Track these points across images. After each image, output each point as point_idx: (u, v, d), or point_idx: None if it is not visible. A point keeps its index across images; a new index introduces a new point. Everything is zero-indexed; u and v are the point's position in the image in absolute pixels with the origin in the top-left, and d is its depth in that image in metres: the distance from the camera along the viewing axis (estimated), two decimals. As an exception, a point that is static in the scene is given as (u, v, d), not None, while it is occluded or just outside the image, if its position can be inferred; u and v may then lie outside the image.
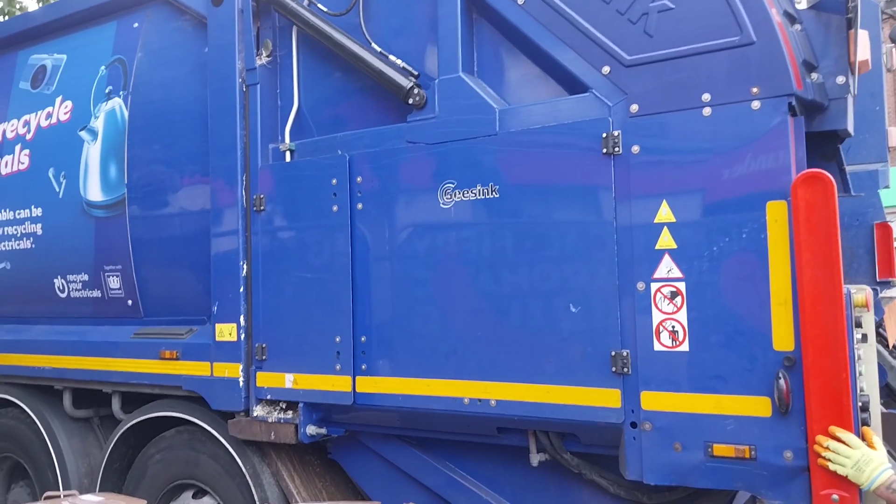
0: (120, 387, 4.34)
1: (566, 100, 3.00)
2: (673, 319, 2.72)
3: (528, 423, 3.06)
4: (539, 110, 3.04)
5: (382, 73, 3.36)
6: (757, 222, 2.59)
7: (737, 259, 2.62)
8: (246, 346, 3.70)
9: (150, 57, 4.19)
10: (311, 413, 3.56)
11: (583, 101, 2.94)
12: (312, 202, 3.50)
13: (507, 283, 3.01)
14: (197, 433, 3.97)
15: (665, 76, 2.77)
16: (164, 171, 4.06)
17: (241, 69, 3.76)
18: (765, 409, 2.57)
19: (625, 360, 2.77)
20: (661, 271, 2.74)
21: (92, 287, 4.41)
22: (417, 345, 3.21)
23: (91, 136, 4.37)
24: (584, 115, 2.92)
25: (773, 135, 2.58)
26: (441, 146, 3.19)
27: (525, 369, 2.96)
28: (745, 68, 2.63)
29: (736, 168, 2.63)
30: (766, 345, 2.57)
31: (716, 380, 2.65)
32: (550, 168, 2.94)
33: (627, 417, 2.78)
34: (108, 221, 4.27)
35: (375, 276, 3.33)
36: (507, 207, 3.02)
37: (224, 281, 3.76)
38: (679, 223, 2.71)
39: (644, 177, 2.77)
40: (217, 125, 3.80)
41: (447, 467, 3.44)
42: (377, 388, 3.30)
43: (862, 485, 2.34)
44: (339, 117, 3.64)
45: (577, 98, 2.96)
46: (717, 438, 2.63)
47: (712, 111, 2.68)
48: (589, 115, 2.90)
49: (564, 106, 2.98)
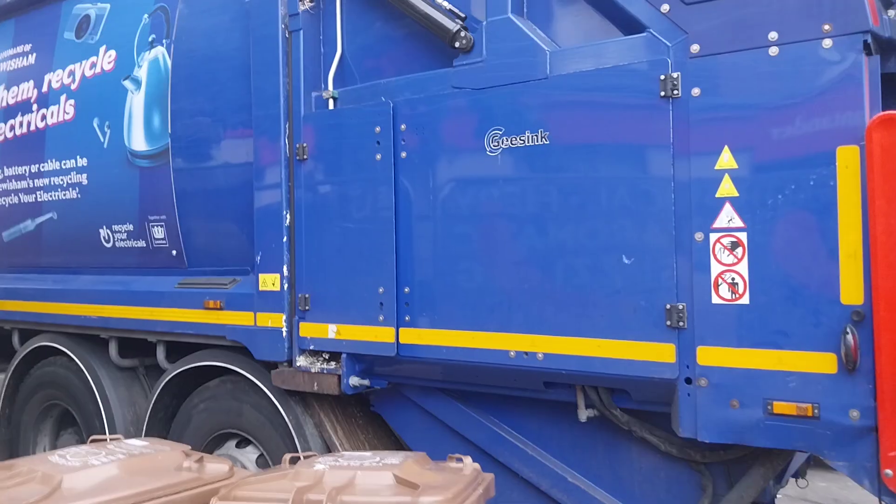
0: (164, 336, 4.36)
1: (622, 40, 2.85)
2: (733, 271, 2.59)
3: (576, 378, 2.97)
4: (592, 52, 2.89)
5: (428, 16, 3.24)
6: (826, 168, 2.44)
7: (803, 208, 2.47)
8: (289, 297, 3.67)
9: (192, 5, 4.13)
10: (353, 364, 3.52)
11: (639, 41, 2.79)
12: (355, 151, 3.43)
13: (555, 234, 2.91)
14: (240, 383, 3.97)
15: (728, 13, 2.60)
16: (207, 121, 4.02)
17: (283, 15, 3.67)
18: (830, 365, 2.44)
19: (681, 313, 2.66)
20: (722, 221, 2.60)
21: (137, 237, 4.42)
22: (462, 297, 3.13)
23: (135, 85, 4.34)
24: (640, 56, 2.77)
25: (846, 76, 2.41)
26: (488, 91, 3.08)
27: (574, 322, 2.87)
28: (817, 3, 2.46)
29: (804, 111, 2.47)
30: (833, 298, 2.43)
31: (777, 335, 2.52)
32: (604, 113, 2.81)
33: (682, 373, 2.67)
34: (152, 171, 4.26)
35: (419, 226, 3.26)
36: (557, 155, 2.90)
37: (267, 231, 3.72)
38: (741, 170, 2.57)
39: (704, 121, 2.63)
40: (259, 73, 3.73)
41: (491, 422, 3.39)
42: (421, 339, 3.24)
43: None
44: (383, 64, 3.54)
45: (634, 38, 2.81)
46: (777, 396, 2.52)
47: (779, 51, 2.51)
48: (646, 56, 2.75)
49: (620, 47, 2.84)
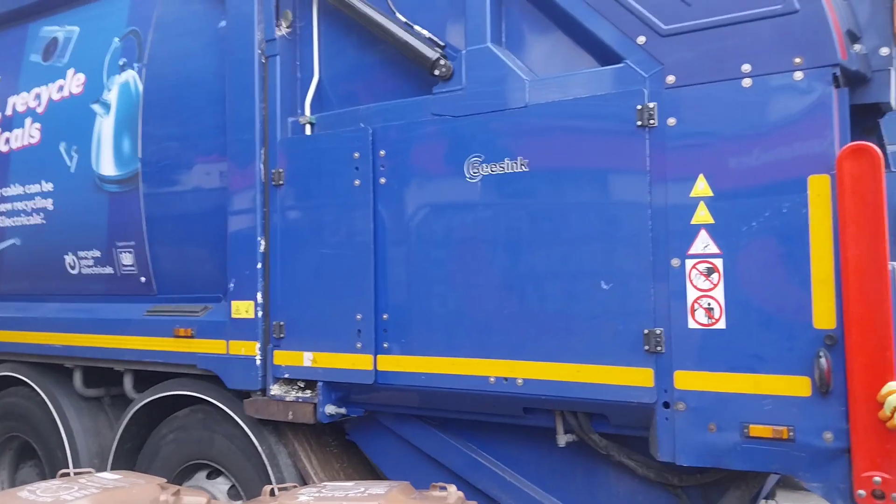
0: (132, 365, 4.27)
1: (599, 71, 2.91)
2: (709, 297, 2.64)
3: (555, 403, 2.99)
4: (570, 81, 2.95)
5: (408, 44, 3.28)
6: (798, 196, 2.51)
7: (776, 234, 2.54)
8: (263, 324, 3.63)
9: (165, 29, 4.10)
10: (330, 392, 3.49)
11: (617, 72, 2.85)
12: (333, 176, 3.43)
13: (535, 261, 2.94)
14: (211, 412, 3.90)
15: (703, 46, 2.68)
16: (179, 145, 3.99)
17: (259, 40, 3.67)
18: (804, 388, 2.49)
19: (658, 338, 2.70)
20: (697, 247, 2.66)
21: (104, 263, 4.34)
22: (442, 323, 3.13)
23: (104, 109, 4.28)
24: (617, 86, 2.83)
25: (817, 106, 2.50)
26: (468, 119, 3.11)
27: (554, 348, 2.89)
28: (789, 37, 2.55)
29: (776, 141, 2.55)
30: (806, 323, 2.49)
31: (753, 359, 2.57)
32: (582, 141, 2.86)
33: (660, 397, 2.71)
34: (122, 196, 4.20)
35: (398, 252, 3.26)
36: (536, 182, 2.94)
37: (241, 257, 3.68)
38: (716, 198, 2.63)
39: (680, 150, 2.69)
40: (235, 98, 3.71)
41: (469, 448, 3.37)
42: (400, 366, 3.23)
43: None
44: (361, 90, 3.56)
45: (611, 69, 2.87)
46: (753, 419, 2.56)
47: (753, 82, 2.59)
48: (623, 86, 2.82)
49: (597, 77, 2.90)
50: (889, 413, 2.28)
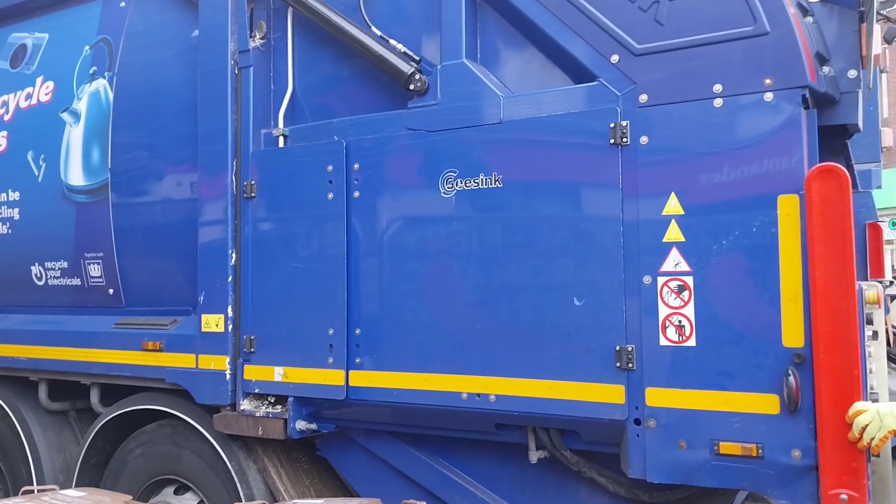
0: (99, 378, 4.19)
1: (573, 88, 2.93)
2: (679, 314, 2.66)
3: (528, 420, 2.98)
4: (545, 99, 2.96)
5: (383, 58, 3.27)
6: (768, 216, 2.54)
7: (746, 253, 2.57)
8: (233, 338, 3.58)
9: (137, 37, 4.05)
10: (300, 408, 3.45)
11: (590, 90, 2.87)
12: (306, 189, 3.40)
13: (508, 276, 2.94)
14: (180, 427, 3.84)
15: (676, 66, 2.71)
16: (150, 156, 3.93)
17: (233, 51, 3.64)
18: (773, 406, 2.52)
19: (630, 355, 2.71)
20: (669, 265, 2.68)
21: (71, 275, 4.26)
22: (415, 338, 3.12)
23: (73, 118, 4.22)
24: (591, 104, 2.85)
25: (786, 127, 2.54)
26: (443, 134, 3.11)
27: (526, 364, 2.89)
28: (759, 59, 2.58)
29: (747, 161, 2.58)
30: (775, 341, 2.52)
31: (723, 376, 2.59)
32: (555, 158, 2.88)
33: (631, 414, 2.72)
34: (90, 207, 4.13)
35: (371, 267, 3.24)
36: (510, 198, 2.95)
37: (211, 270, 3.63)
38: (687, 216, 2.66)
39: (652, 168, 2.71)
40: (207, 109, 3.67)
41: (441, 465, 3.35)
42: (372, 382, 3.20)
43: None
44: (336, 103, 3.54)
45: (585, 87, 2.89)
46: (723, 436, 2.58)
47: (724, 102, 2.62)
48: (596, 104, 2.83)
49: (571, 95, 2.91)
50: (857, 434, 2.31)
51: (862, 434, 2.30)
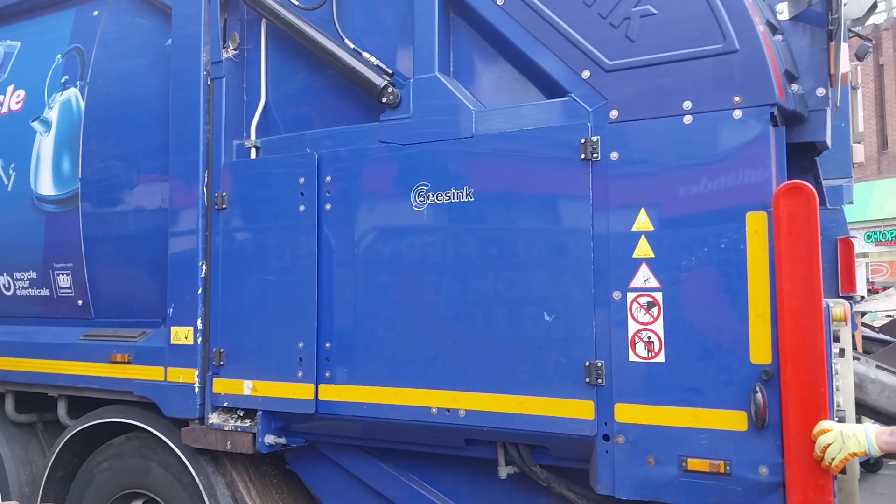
0: (66, 391, 4.12)
1: (544, 104, 2.93)
2: (649, 330, 2.66)
3: (497, 435, 2.96)
4: (516, 113, 2.96)
5: (355, 71, 3.26)
6: (736, 233, 2.55)
7: (715, 269, 2.57)
8: (203, 351, 3.54)
9: (109, 47, 4.02)
10: (269, 422, 3.41)
11: (561, 105, 2.87)
12: (278, 201, 3.38)
13: (480, 290, 2.92)
14: (148, 440, 3.79)
15: (646, 82, 2.72)
16: (121, 166, 3.89)
17: (206, 62, 3.62)
18: (740, 423, 2.51)
19: (599, 370, 2.70)
20: (638, 280, 2.68)
21: (40, 285, 4.20)
22: (385, 352, 3.09)
23: (44, 127, 4.17)
24: (562, 119, 2.85)
25: (755, 144, 2.55)
26: (415, 147, 3.10)
27: (496, 379, 2.87)
28: (728, 76, 2.60)
29: (715, 177, 2.59)
30: (742, 358, 2.52)
31: (691, 392, 2.59)
32: (527, 173, 2.87)
33: (600, 430, 2.70)
34: (60, 217, 4.08)
35: (343, 280, 3.21)
36: (481, 211, 2.94)
37: (181, 282, 3.59)
38: (657, 232, 2.66)
39: (622, 184, 2.71)
40: (179, 119, 3.64)
41: (411, 479, 3.32)
42: (341, 396, 3.17)
43: (864, 447, 2.27)
44: (308, 115, 3.52)
45: (556, 102, 2.89)
46: (691, 453, 2.57)
47: (693, 119, 2.63)
48: (567, 119, 2.84)
49: (543, 110, 2.92)
50: (820, 453, 2.31)
51: (824, 453, 2.30)
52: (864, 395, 2.63)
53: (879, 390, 2.64)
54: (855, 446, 2.26)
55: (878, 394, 2.65)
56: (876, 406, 2.63)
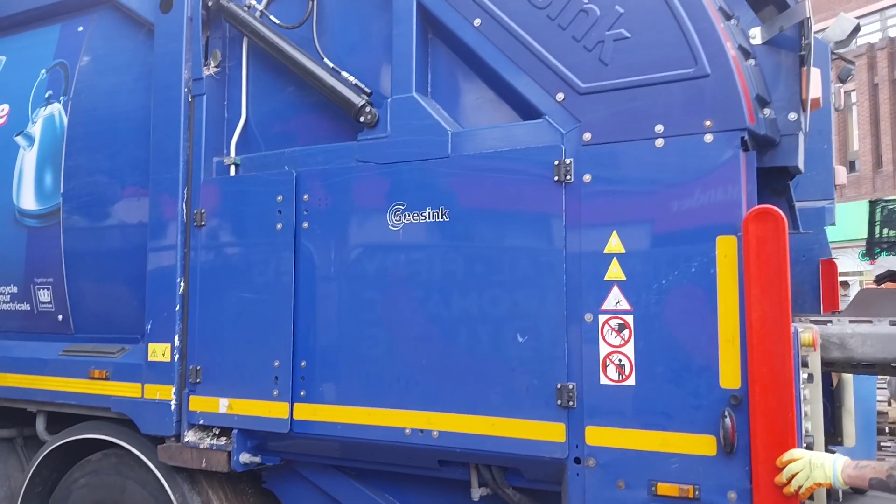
0: (45, 406, 4.12)
1: (520, 125, 2.94)
2: (620, 353, 2.65)
3: (470, 456, 2.95)
4: (492, 134, 2.97)
5: (334, 90, 3.27)
6: (706, 256, 2.55)
7: (685, 293, 2.57)
8: (179, 368, 3.53)
9: (93, 62, 4.04)
10: (245, 440, 3.40)
11: (536, 127, 2.88)
12: (256, 219, 3.38)
13: (453, 311, 2.92)
14: (125, 457, 3.77)
15: (619, 105, 2.73)
16: (101, 182, 3.90)
17: (187, 79, 3.63)
18: (710, 447, 2.51)
19: (570, 392, 2.70)
20: (610, 303, 2.68)
21: (21, 300, 4.19)
22: (359, 371, 3.09)
23: (27, 141, 4.18)
24: (536, 141, 2.86)
25: (725, 169, 2.55)
26: (392, 166, 3.11)
27: (469, 400, 2.87)
28: (699, 101, 2.61)
29: (686, 201, 2.59)
30: (712, 382, 2.52)
31: (661, 416, 2.58)
32: (501, 194, 2.88)
33: (571, 453, 2.70)
34: (41, 231, 4.08)
35: (318, 299, 3.21)
36: (456, 232, 2.94)
37: (159, 298, 3.59)
38: (628, 255, 2.66)
39: (595, 206, 2.72)
40: (160, 136, 3.65)
41: (386, 500, 3.32)
42: (316, 415, 3.16)
43: (829, 479, 2.25)
44: (288, 132, 3.53)
45: (531, 124, 2.90)
46: (661, 477, 2.57)
47: (665, 142, 2.64)
48: (542, 141, 2.85)
49: (518, 131, 2.93)
50: (785, 479, 2.31)
51: (790, 480, 2.29)
52: (849, 351, 2.61)
53: (861, 342, 2.63)
54: (821, 477, 2.25)
55: (862, 345, 2.63)
56: (864, 358, 2.62)
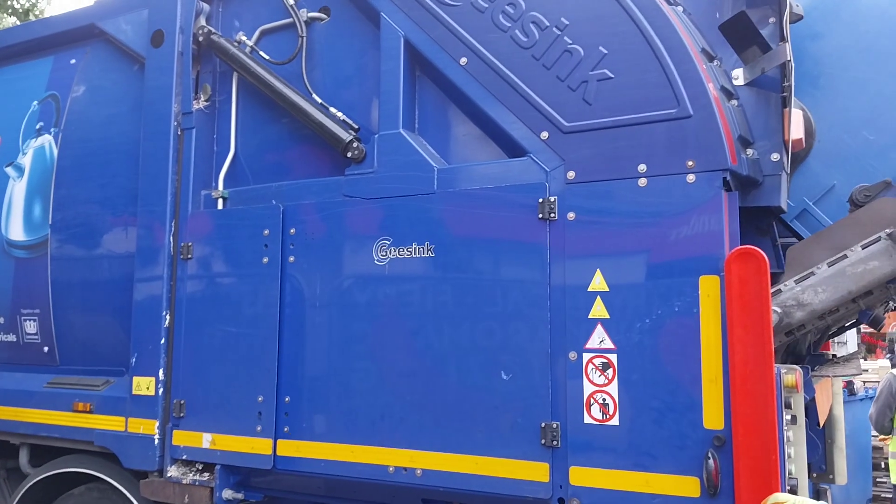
0: (29, 438, 4.08)
1: (505, 162, 2.96)
2: (604, 392, 2.64)
3: (453, 495, 2.93)
4: (478, 171, 2.99)
5: (322, 125, 3.29)
6: (689, 296, 2.55)
7: (668, 333, 2.57)
8: (163, 402, 3.51)
9: (84, 95, 4.06)
10: (228, 476, 3.37)
11: (521, 164, 2.90)
12: (242, 252, 3.38)
13: (437, 348, 2.91)
14: (107, 491, 3.73)
15: (602, 145, 2.75)
16: (89, 214, 3.90)
17: (176, 112, 3.65)
18: (693, 489, 2.49)
19: (555, 432, 2.68)
20: (594, 341, 2.67)
21: (7, 331, 4.17)
22: (343, 408, 3.07)
23: (17, 172, 4.19)
24: (521, 178, 2.87)
25: (708, 209, 2.56)
26: (378, 202, 3.11)
27: (453, 438, 2.85)
28: (682, 141, 2.63)
29: (669, 241, 2.60)
30: (696, 423, 2.51)
31: (645, 457, 2.57)
32: (486, 231, 2.88)
33: (555, 493, 2.67)
34: (29, 263, 4.07)
35: (303, 334, 3.20)
36: (441, 268, 2.94)
37: (145, 331, 3.58)
38: (612, 293, 2.66)
39: (578, 245, 2.73)
40: (148, 168, 3.66)
41: (369, 537, 3.28)
42: (299, 452, 3.14)
43: None
44: (277, 166, 3.55)
45: (516, 161, 2.92)
46: (644, 518, 2.54)
47: (648, 182, 2.66)
48: (526, 179, 2.86)
49: (503, 168, 2.94)
50: None
51: None
52: (808, 306, 2.62)
53: (814, 294, 2.64)
54: None
55: (815, 295, 2.64)
56: (824, 306, 2.63)
